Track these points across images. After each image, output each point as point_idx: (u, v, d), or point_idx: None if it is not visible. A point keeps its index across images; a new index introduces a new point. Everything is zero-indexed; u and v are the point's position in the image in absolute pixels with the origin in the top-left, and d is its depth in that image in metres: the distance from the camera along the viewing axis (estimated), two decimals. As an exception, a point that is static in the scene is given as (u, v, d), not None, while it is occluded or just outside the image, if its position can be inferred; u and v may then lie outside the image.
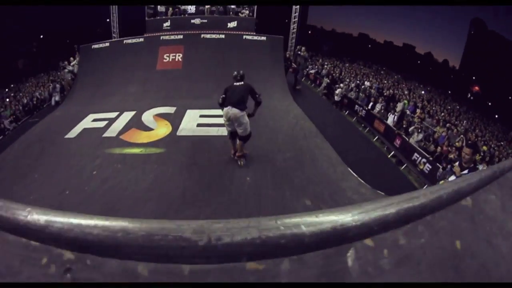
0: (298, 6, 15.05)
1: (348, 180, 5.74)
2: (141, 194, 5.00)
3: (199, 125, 7.90)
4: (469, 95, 47.72)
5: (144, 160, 6.27)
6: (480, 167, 6.39)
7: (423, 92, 17.58)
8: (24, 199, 5.17)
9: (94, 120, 8.72)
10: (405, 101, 11.84)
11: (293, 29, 15.20)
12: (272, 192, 5.01)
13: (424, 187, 6.67)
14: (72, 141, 7.81)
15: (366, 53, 39.16)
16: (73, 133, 8.21)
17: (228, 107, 5.05)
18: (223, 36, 12.05)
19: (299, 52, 12.63)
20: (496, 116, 30.83)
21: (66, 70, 12.65)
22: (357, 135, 9.43)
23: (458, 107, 17.41)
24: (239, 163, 5.72)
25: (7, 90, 20.75)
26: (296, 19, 15.08)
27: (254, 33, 12.79)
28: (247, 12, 14.53)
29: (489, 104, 41.11)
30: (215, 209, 4.50)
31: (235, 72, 5.33)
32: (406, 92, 14.57)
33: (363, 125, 10.49)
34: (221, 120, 7.96)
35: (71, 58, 13.05)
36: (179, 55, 11.57)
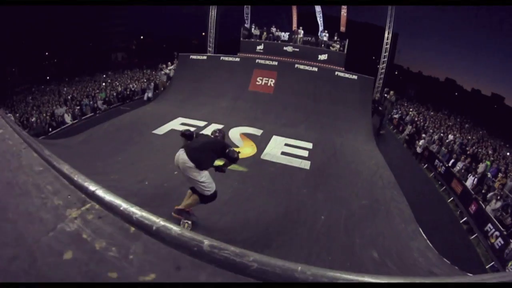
0: (388, 46, 14.88)
1: (417, 240, 5.56)
2: (218, 206, 5.05)
3: (283, 153, 8.08)
4: None
5: (225, 175, 6.54)
6: None
7: (508, 153, 15.76)
8: (105, 176, 5.70)
9: (183, 123, 9.41)
10: (488, 162, 10.82)
11: (382, 69, 14.99)
12: (343, 237, 5.04)
13: (490, 264, 6.20)
14: (158, 137, 8.51)
15: (452, 101, 36.62)
16: (161, 130, 8.96)
17: (181, 150, 3.91)
18: (316, 69, 12.27)
19: (386, 95, 12.40)
20: None
21: (162, 72, 14.21)
22: (433, 192, 8.99)
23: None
24: (181, 224, 4.22)
25: (104, 76, 23.70)
26: (386, 59, 14.86)
27: (345, 70, 12.74)
28: (338, 46, 14.66)
29: None
30: (287, 240, 4.61)
31: (215, 129, 4.59)
32: (490, 152, 13.23)
33: (440, 182, 9.93)
34: (305, 153, 8.18)
35: (169, 63, 14.62)
36: (271, 81, 12.01)
